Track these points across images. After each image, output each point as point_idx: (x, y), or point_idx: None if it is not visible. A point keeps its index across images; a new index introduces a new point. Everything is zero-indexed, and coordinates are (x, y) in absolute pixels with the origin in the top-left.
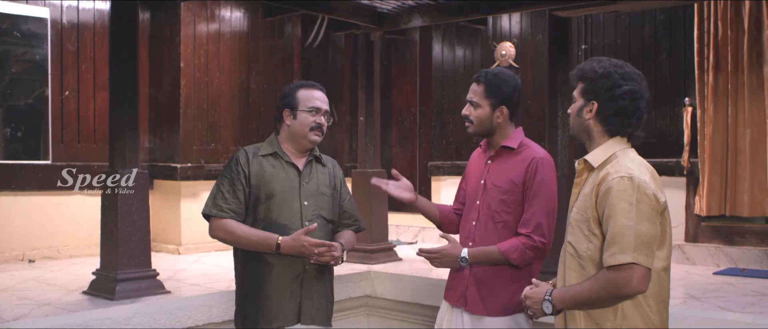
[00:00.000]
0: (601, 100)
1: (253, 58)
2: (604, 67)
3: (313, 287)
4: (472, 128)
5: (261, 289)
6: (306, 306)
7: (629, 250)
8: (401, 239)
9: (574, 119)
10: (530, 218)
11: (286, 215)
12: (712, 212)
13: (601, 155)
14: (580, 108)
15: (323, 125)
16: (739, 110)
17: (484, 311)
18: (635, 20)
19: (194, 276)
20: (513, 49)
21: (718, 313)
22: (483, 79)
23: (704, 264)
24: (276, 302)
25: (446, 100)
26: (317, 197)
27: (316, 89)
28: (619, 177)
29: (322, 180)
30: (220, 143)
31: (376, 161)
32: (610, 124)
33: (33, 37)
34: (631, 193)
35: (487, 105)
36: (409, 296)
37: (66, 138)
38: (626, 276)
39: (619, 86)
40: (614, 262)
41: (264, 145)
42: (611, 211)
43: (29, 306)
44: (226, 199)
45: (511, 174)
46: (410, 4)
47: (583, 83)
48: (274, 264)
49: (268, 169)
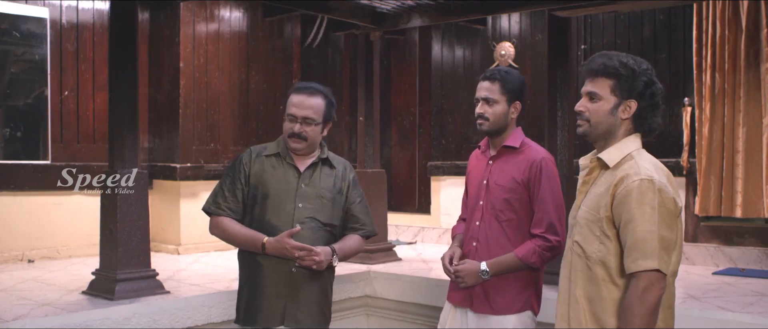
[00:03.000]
0: (641, 98)
1: (252, 59)
2: (638, 63)
3: (301, 291)
4: (486, 125)
5: (251, 287)
6: (291, 309)
7: (653, 256)
8: (401, 239)
9: (603, 117)
10: (542, 218)
11: (278, 216)
12: (708, 212)
13: (617, 154)
14: (614, 107)
15: (298, 132)
16: (736, 110)
17: (491, 310)
18: (634, 20)
19: (194, 276)
20: (512, 49)
21: (717, 313)
22: (497, 76)
23: (703, 263)
24: (263, 301)
25: (446, 100)
26: (315, 200)
27: (300, 94)
28: (639, 180)
29: (325, 184)
30: (219, 143)
31: (375, 161)
32: (642, 122)
33: (32, 37)
34: (652, 197)
35: (504, 101)
36: (408, 296)
37: (65, 138)
38: (645, 283)
39: (654, 83)
40: (637, 268)
41: (272, 144)
42: (631, 215)
43: (29, 306)
44: (225, 197)
45: (514, 173)
46: (410, 4)
47: (613, 79)
48: (263, 264)
49: (268, 169)
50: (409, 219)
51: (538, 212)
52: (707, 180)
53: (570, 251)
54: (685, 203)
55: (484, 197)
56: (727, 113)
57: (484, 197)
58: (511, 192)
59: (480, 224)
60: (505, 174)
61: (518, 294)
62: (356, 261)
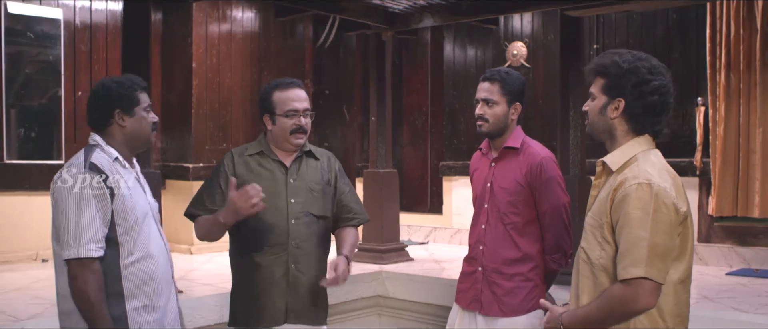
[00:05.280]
0: (629, 97)
1: (264, 59)
2: (629, 61)
3: (300, 285)
4: (486, 127)
5: (250, 288)
6: (292, 305)
7: (641, 263)
8: (413, 239)
9: (595, 117)
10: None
11: (272, 214)
12: (724, 212)
13: (620, 157)
14: (604, 106)
15: (304, 125)
16: (751, 110)
17: (500, 312)
18: (647, 20)
19: (206, 275)
20: (524, 49)
21: (731, 314)
22: (497, 77)
23: (717, 264)
24: (265, 301)
25: (458, 100)
26: (306, 193)
27: (292, 88)
28: (637, 184)
29: (313, 176)
30: (231, 143)
31: (387, 161)
32: (637, 122)
33: (46, 38)
34: (648, 201)
35: (504, 102)
36: (420, 296)
37: (79, 138)
38: (632, 291)
39: (648, 81)
40: (626, 275)
41: (252, 144)
42: (626, 220)
43: (43, 305)
44: (202, 201)
45: (517, 175)
46: (421, 4)
47: (604, 78)
48: (261, 263)
49: (254, 168)
50: (421, 219)
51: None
52: (723, 180)
53: (578, 257)
54: (699, 204)
55: (489, 200)
56: (743, 113)
57: (488, 200)
58: (515, 194)
59: (486, 228)
60: (508, 176)
61: (528, 295)
62: (368, 261)
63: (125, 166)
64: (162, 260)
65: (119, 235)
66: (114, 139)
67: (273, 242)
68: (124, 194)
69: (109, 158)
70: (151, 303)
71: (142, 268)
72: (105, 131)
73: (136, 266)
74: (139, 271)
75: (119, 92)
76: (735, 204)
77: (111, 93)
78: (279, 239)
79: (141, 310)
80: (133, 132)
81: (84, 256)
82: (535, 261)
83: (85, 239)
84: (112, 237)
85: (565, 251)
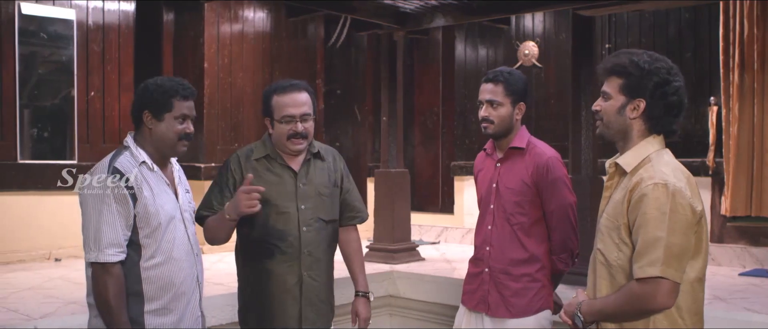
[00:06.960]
0: (650, 98)
1: (276, 59)
2: (649, 62)
3: (313, 292)
4: (492, 129)
5: (263, 296)
6: (306, 312)
7: (658, 263)
8: (424, 239)
9: (612, 117)
10: (557, 242)
11: (283, 221)
12: (737, 212)
13: (634, 158)
14: (622, 106)
15: (301, 131)
16: (765, 109)
17: (508, 313)
18: (660, 19)
19: (218, 275)
20: (536, 49)
21: (743, 314)
22: (501, 78)
23: (730, 264)
24: (278, 308)
25: (469, 100)
26: (316, 198)
27: (289, 92)
28: (653, 184)
29: (321, 180)
30: (243, 143)
31: (399, 161)
32: (656, 123)
33: (59, 39)
34: (664, 202)
35: (509, 103)
36: (431, 296)
37: (91, 138)
38: (651, 290)
39: (669, 82)
40: (642, 275)
41: (257, 146)
42: (643, 220)
43: (56, 304)
44: (211, 205)
45: (523, 175)
46: (433, 4)
47: (623, 78)
48: (274, 271)
49: (261, 173)
50: (432, 219)
51: (552, 234)
52: (737, 180)
53: (594, 259)
54: (711, 204)
55: (495, 201)
56: (756, 113)
57: (494, 201)
58: (521, 195)
59: (492, 228)
60: (514, 177)
61: (536, 296)
62: (379, 260)
63: (153, 169)
64: (186, 264)
65: (141, 238)
66: (145, 140)
67: (285, 249)
68: (146, 198)
69: (136, 162)
70: (168, 307)
71: (162, 272)
72: (139, 130)
73: (157, 270)
74: (159, 275)
75: (153, 94)
76: (748, 204)
77: (146, 93)
78: (291, 247)
79: (157, 313)
80: (160, 137)
81: (103, 261)
82: (542, 262)
83: (105, 244)
84: (134, 240)
85: (572, 251)
